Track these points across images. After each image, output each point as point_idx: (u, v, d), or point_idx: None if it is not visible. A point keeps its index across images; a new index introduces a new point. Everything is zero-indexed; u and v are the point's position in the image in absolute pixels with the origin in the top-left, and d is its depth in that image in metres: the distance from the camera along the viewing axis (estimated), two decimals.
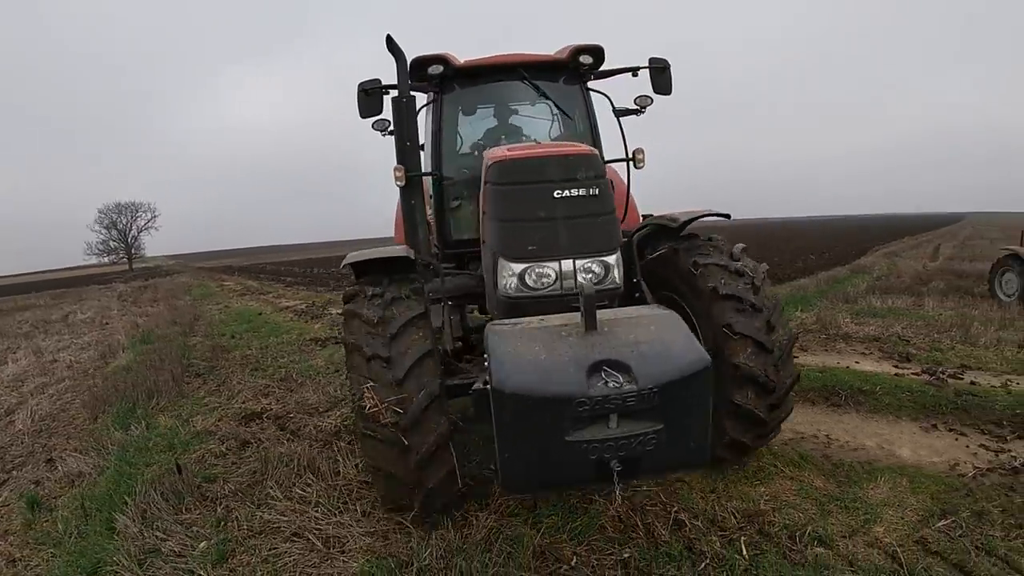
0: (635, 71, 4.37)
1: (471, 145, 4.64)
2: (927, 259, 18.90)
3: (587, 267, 3.01)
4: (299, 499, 3.61)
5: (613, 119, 4.35)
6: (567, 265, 2.99)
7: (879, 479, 3.45)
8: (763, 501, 3.25)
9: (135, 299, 21.61)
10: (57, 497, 4.16)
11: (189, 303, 18.08)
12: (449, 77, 4.18)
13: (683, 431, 2.31)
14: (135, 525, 3.45)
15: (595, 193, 3.02)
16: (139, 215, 68.61)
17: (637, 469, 2.31)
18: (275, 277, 27.86)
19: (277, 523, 3.36)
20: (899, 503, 3.20)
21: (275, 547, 3.14)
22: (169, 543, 3.28)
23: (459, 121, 4.55)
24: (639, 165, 4.16)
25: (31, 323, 16.33)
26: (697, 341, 2.49)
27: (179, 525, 3.46)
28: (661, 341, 2.40)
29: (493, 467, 3.88)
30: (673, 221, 3.46)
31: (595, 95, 4.49)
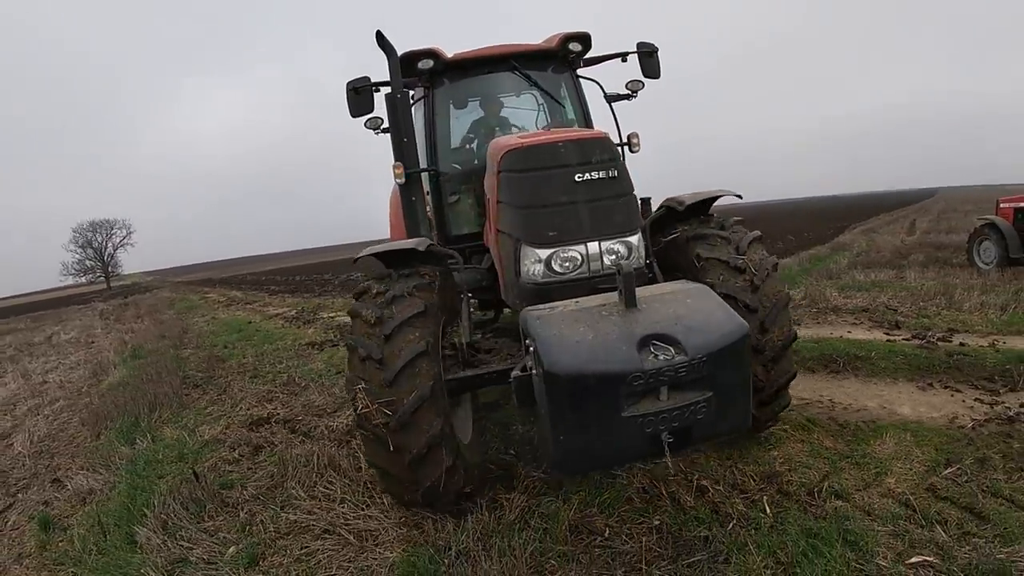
0: (624, 56, 4.44)
1: (462, 139, 4.65)
2: (904, 234, 19.23)
3: (611, 248, 3.06)
4: (324, 497, 3.62)
5: (605, 105, 4.42)
6: (592, 248, 3.02)
7: (884, 436, 3.59)
8: (778, 463, 3.37)
9: (118, 316, 21.12)
10: (69, 516, 4.10)
11: (174, 316, 17.76)
12: (439, 71, 4.17)
13: (730, 397, 2.39)
14: (157, 536, 3.43)
15: (613, 175, 3.07)
16: (114, 232, 66.18)
17: (689, 438, 2.37)
18: (258, 287, 27.44)
19: (305, 522, 3.37)
20: (906, 456, 3.34)
21: (307, 545, 3.15)
22: (196, 551, 3.26)
23: (451, 115, 4.56)
24: (634, 149, 4.23)
25: (14, 346, 15.87)
26: (732, 310, 2.55)
27: (203, 533, 3.44)
28: (701, 312, 2.47)
29: (513, 451, 3.95)
30: (680, 204, 3.51)
31: (586, 82, 4.56)
